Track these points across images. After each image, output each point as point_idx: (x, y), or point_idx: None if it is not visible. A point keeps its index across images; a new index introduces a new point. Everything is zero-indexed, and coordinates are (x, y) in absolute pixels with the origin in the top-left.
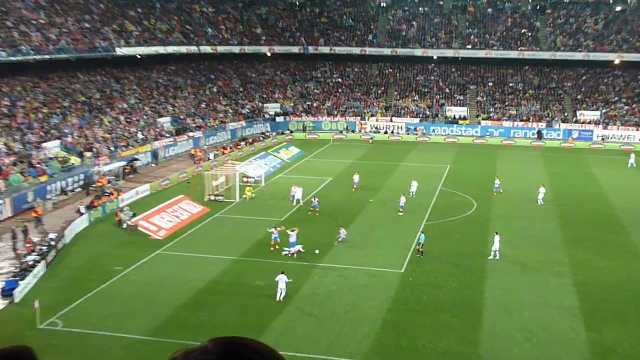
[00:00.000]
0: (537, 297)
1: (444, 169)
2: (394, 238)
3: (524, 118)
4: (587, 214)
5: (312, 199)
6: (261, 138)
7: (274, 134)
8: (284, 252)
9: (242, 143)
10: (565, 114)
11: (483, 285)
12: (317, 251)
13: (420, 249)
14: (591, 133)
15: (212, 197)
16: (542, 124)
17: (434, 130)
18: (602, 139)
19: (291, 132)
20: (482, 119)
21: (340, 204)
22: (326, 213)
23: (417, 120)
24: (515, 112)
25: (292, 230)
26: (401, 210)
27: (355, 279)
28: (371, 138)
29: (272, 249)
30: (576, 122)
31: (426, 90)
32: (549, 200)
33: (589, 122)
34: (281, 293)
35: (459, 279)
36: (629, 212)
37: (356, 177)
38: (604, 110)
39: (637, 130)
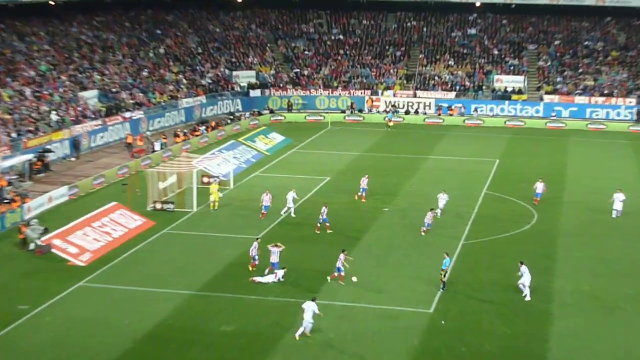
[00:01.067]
0: (620, 347)
1: (491, 164)
2: (419, 264)
3: (605, 91)
4: None
5: (322, 211)
6: (229, 120)
7: (247, 114)
8: (252, 279)
9: (202, 128)
10: None
11: (546, 330)
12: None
13: (443, 279)
14: None
15: (159, 206)
16: (632, 100)
17: (476, 109)
18: None
19: (271, 111)
20: (546, 93)
21: (341, 216)
22: (321, 227)
23: (452, 94)
24: (593, 82)
25: (276, 246)
26: (425, 229)
27: (363, 322)
28: (389, 119)
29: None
30: None
31: (465, 51)
32: (635, 210)
33: None
34: (305, 327)
35: (512, 322)
36: None
37: (364, 181)
38: None
39: None
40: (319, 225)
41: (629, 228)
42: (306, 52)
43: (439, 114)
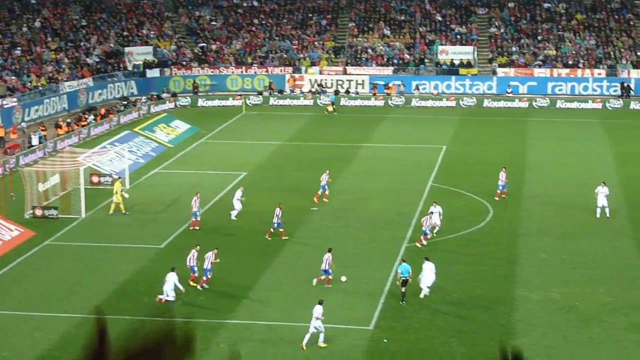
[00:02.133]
0: None
1: (437, 152)
2: (357, 274)
3: (570, 62)
4: None
5: (276, 213)
6: (122, 107)
7: (144, 99)
8: (160, 298)
9: (90, 117)
10: (639, 54)
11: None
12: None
13: (403, 290)
14: None
15: (39, 212)
16: (601, 72)
17: (417, 87)
18: None
19: (173, 94)
20: (499, 66)
21: (263, 218)
22: (242, 233)
23: (389, 70)
24: (554, 52)
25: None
26: (423, 237)
27: (292, 345)
28: (331, 103)
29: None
30: None
31: (403, 18)
32: (619, 202)
33: None
34: (313, 333)
35: (469, 340)
36: None
37: (325, 178)
38: None
39: None
40: (272, 230)
41: (604, 225)
42: (213, 23)
43: (374, 94)
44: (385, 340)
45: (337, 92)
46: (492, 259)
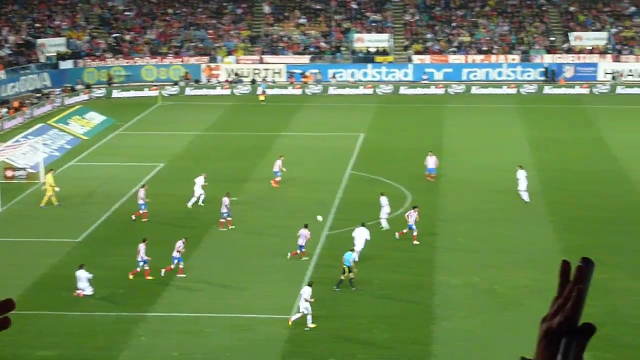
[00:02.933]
0: (520, 349)
1: (355, 140)
2: (276, 263)
3: (484, 48)
4: (599, 208)
5: (223, 203)
6: (35, 99)
7: (59, 91)
8: (78, 292)
9: (3, 110)
10: (552, 39)
11: (430, 334)
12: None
13: (349, 276)
14: (594, 68)
15: None
16: (515, 57)
17: (334, 75)
18: (613, 77)
19: (87, 86)
20: (415, 53)
21: (181, 210)
22: (159, 223)
23: (305, 58)
24: (469, 38)
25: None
26: (407, 233)
27: (213, 337)
28: (263, 92)
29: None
30: (569, 50)
31: (318, 7)
32: (535, 186)
33: (591, 51)
34: (303, 314)
35: (391, 325)
36: None
37: (278, 164)
38: (613, 30)
39: None
40: (222, 221)
41: (521, 209)
42: (127, 13)
43: (292, 82)
44: (307, 329)
45: (253, 82)
46: (410, 246)
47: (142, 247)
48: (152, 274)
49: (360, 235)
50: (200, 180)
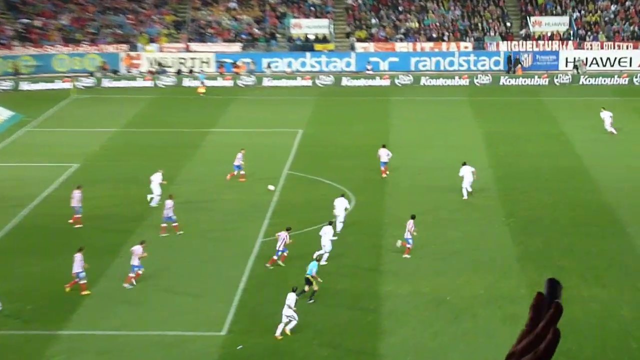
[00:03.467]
0: None
1: (293, 136)
2: (208, 273)
3: (434, 35)
4: (559, 208)
5: (166, 206)
6: None
7: None
8: None
9: None
10: (508, 24)
11: (376, 348)
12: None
13: (313, 288)
14: (555, 57)
15: None
16: (468, 45)
17: (269, 65)
18: (575, 66)
19: None
20: (358, 40)
21: (100, 213)
22: (76, 230)
23: (237, 46)
24: (417, 24)
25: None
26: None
27: (136, 355)
28: (202, 83)
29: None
30: (527, 37)
31: None
32: (490, 185)
33: (551, 38)
34: (285, 322)
35: (333, 341)
36: (628, 200)
37: (239, 157)
38: (575, 15)
39: (635, 47)
40: (164, 225)
41: (473, 209)
42: None
43: (221, 73)
44: (239, 347)
45: (179, 72)
46: (355, 252)
47: (78, 257)
48: (89, 288)
49: (324, 234)
50: (157, 178)
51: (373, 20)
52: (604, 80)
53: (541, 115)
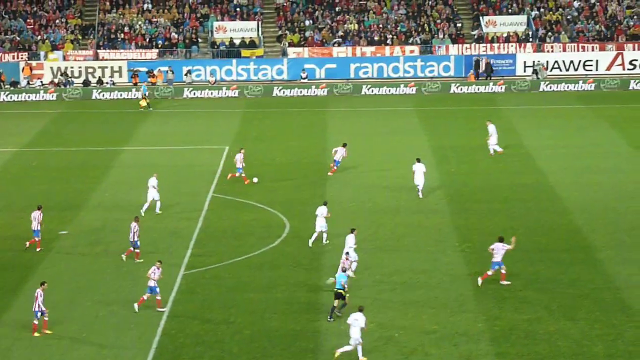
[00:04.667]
0: None
1: (219, 154)
2: (120, 315)
3: (376, 38)
4: (520, 231)
5: (132, 229)
6: None
7: None
8: None
9: None
10: (459, 25)
11: None
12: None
13: (335, 303)
14: (512, 61)
15: None
16: (414, 49)
17: (189, 72)
18: (535, 71)
19: None
20: (290, 45)
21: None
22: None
23: (152, 53)
24: (357, 26)
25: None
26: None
27: None
28: (144, 96)
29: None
30: (479, 39)
31: None
32: (441, 206)
33: (507, 39)
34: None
35: None
36: (599, 222)
37: (240, 158)
38: (533, 13)
39: (602, 49)
40: (131, 250)
41: (424, 235)
42: None
43: (135, 83)
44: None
45: (86, 83)
46: (290, 284)
47: (39, 292)
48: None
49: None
50: (153, 182)
51: (307, 22)
52: (567, 87)
53: (498, 127)
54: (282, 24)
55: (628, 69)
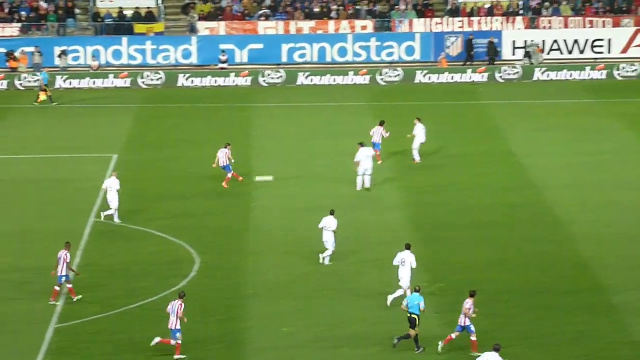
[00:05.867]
0: None
1: (103, 165)
2: None
3: (316, 10)
4: (508, 267)
5: (61, 258)
6: None
7: None
8: None
9: None
10: None
11: None
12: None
13: (411, 332)
14: (497, 40)
15: None
16: (366, 22)
17: (63, 53)
18: (527, 54)
19: None
20: (200, 18)
21: None
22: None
23: (13, 29)
24: None
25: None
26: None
27: None
28: (44, 86)
29: None
30: (453, 12)
31: None
32: (404, 233)
33: (490, 12)
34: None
35: None
36: (613, 255)
37: (227, 153)
38: None
39: (616, 25)
40: (67, 286)
41: (383, 271)
42: None
43: (14, 68)
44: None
45: None
46: (199, 342)
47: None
48: None
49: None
50: (114, 184)
51: None
52: (570, 74)
53: (479, 127)
54: None
55: None
